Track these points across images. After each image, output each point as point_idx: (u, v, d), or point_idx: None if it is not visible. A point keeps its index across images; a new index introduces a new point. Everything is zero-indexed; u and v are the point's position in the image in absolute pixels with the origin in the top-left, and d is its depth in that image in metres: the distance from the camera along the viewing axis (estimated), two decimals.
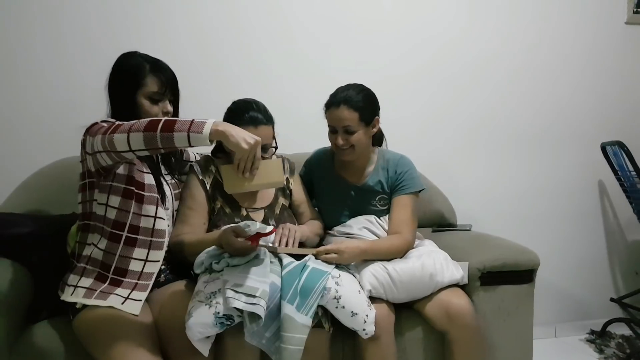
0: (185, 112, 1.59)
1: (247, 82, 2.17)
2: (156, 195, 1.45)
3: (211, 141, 1.21)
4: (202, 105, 1.64)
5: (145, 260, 1.41)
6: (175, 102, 1.56)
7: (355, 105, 1.64)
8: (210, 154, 1.73)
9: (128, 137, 1.20)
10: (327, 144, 1.76)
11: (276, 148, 1.61)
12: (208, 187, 1.62)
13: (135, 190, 1.41)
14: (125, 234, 1.39)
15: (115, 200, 1.39)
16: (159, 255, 1.43)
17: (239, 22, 2.20)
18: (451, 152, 2.46)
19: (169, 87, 1.50)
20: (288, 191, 1.75)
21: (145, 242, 1.41)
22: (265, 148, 1.55)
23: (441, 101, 2.43)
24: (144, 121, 1.22)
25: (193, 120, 1.21)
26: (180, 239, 1.51)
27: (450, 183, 2.32)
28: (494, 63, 2.47)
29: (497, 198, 2.51)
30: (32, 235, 1.57)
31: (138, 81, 1.45)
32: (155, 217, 1.43)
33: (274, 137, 1.61)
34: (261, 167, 1.31)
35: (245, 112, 1.55)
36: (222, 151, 1.69)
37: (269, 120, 1.58)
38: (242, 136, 1.22)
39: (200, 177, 1.62)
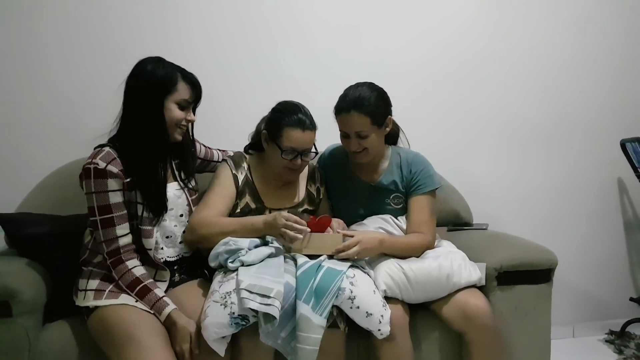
0: (198, 116, 1.57)
1: (260, 84, 2.16)
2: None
3: None
4: (215, 108, 1.62)
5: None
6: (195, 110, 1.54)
7: (366, 109, 1.59)
8: (243, 151, 1.75)
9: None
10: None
11: (316, 153, 1.65)
12: (240, 182, 1.64)
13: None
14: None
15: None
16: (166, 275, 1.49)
17: (253, 23, 2.18)
18: (467, 149, 2.42)
19: (197, 96, 1.50)
20: (318, 200, 1.77)
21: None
22: (306, 152, 1.60)
23: (456, 96, 2.39)
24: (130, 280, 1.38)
25: None
26: (210, 219, 1.52)
27: (466, 181, 2.28)
28: (508, 56, 2.42)
29: (514, 196, 2.47)
30: (50, 234, 1.59)
31: (168, 87, 1.43)
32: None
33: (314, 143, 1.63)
34: (327, 238, 1.51)
35: (294, 114, 1.57)
36: (255, 148, 1.72)
37: (314, 126, 1.60)
38: None
39: (234, 172, 1.65)
